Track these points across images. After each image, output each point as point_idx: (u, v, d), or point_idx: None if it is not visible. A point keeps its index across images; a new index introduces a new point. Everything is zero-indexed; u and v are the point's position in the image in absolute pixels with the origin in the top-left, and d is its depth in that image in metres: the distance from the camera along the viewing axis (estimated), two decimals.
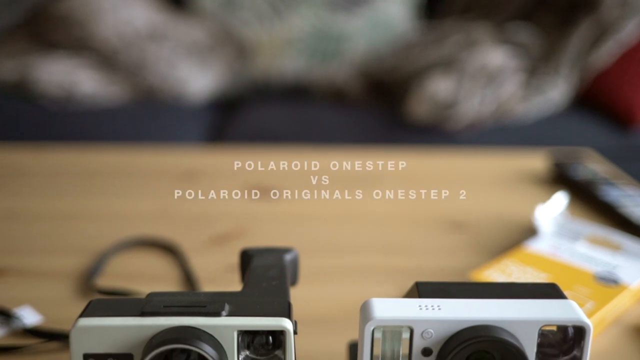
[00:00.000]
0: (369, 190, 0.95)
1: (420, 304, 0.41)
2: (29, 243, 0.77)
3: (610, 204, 0.84)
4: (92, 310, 0.41)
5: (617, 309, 0.61)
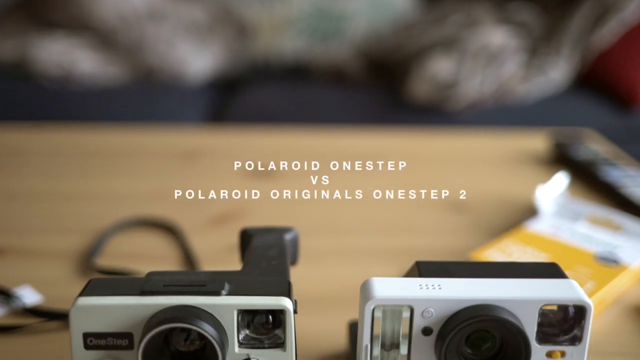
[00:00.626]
0: (370, 171, 0.94)
1: (420, 283, 0.41)
2: (28, 223, 0.77)
3: (611, 184, 0.84)
4: (92, 289, 0.41)
5: (617, 289, 0.61)
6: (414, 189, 0.88)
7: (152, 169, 0.94)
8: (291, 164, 0.77)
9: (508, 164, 0.97)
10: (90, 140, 1.04)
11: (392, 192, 0.86)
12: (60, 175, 0.91)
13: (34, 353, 0.53)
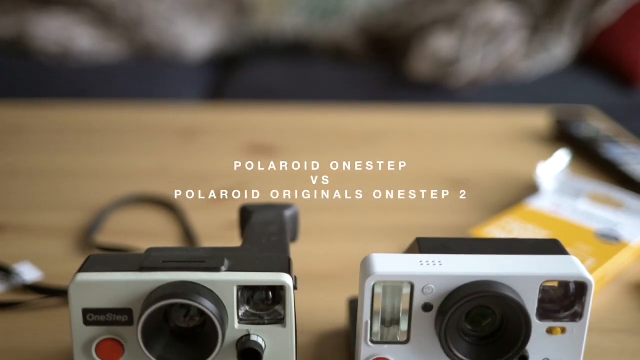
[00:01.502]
0: (371, 149, 0.94)
1: (421, 260, 0.40)
2: (28, 200, 0.77)
3: (612, 162, 0.84)
4: (91, 265, 0.40)
5: (617, 266, 0.61)
6: (414, 166, 0.88)
7: (151, 146, 0.93)
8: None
9: (509, 142, 0.97)
10: (89, 118, 1.03)
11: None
12: (59, 152, 0.90)
13: (33, 329, 0.53)
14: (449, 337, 0.40)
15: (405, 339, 0.41)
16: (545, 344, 0.41)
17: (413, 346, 0.41)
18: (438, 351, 0.40)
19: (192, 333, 0.41)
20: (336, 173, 0.85)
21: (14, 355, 0.50)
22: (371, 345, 0.41)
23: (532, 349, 0.41)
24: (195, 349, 0.40)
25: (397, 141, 0.97)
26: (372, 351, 0.41)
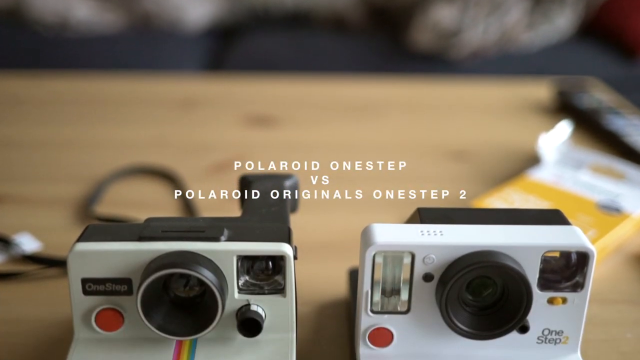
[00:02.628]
0: (372, 120, 0.94)
1: (422, 230, 0.40)
2: (27, 170, 0.77)
3: (614, 133, 0.83)
4: (90, 235, 0.40)
5: (619, 237, 0.61)
6: (415, 137, 0.87)
7: (150, 116, 0.93)
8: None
9: (511, 113, 0.96)
10: (87, 88, 1.03)
11: None
12: (58, 123, 0.90)
13: (33, 299, 0.53)
14: (449, 307, 0.39)
15: (405, 309, 0.41)
16: (546, 314, 0.41)
17: (413, 316, 0.41)
18: (438, 321, 0.40)
19: (191, 303, 0.41)
20: (336, 145, 0.85)
21: (14, 325, 0.50)
22: (371, 315, 0.41)
23: (532, 319, 0.41)
24: (195, 318, 0.40)
25: (398, 112, 0.96)
26: (372, 321, 0.41)
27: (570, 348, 0.42)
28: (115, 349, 0.40)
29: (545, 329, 0.41)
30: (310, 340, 0.49)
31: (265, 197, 0.47)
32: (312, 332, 0.50)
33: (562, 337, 0.42)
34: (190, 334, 0.39)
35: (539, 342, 0.42)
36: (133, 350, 0.40)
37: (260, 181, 0.51)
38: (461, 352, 0.41)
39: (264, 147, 0.84)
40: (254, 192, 0.49)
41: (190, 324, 0.39)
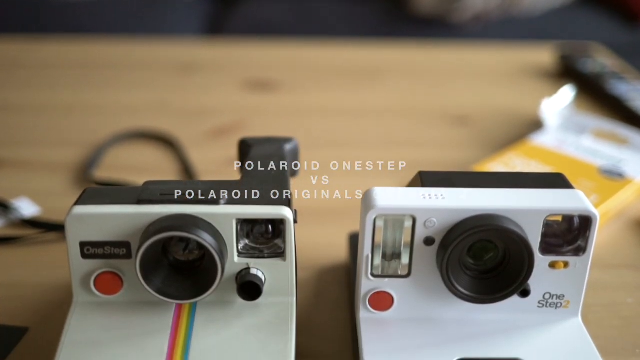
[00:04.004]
0: (373, 85, 0.93)
1: (423, 193, 0.39)
2: (25, 135, 0.76)
3: (617, 98, 0.82)
4: (87, 198, 0.40)
5: (620, 203, 0.61)
6: (417, 102, 0.86)
7: (149, 81, 0.92)
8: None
9: (513, 77, 0.95)
10: (85, 53, 1.01)
11: None
12: (57, 87, 0.89)
13: (32, 264, 0.53)
14: (450, 271, 0.39)
15: (406, 273, 0.41)
16: (547, 278, 0.41)
17: (414, 280, 0.41)
18: (439, 285, 0.40)
19: (191, 266, 0.40)
20: (337, 109, 0.84)
21: (14, 289, 0.50)
22: (372, 279, 0.41)
23: (533, 283, 0.40)
24: (195, 282, 0.39)
25: (399, 77, 0.95)
26: (372, 285, 0.41)
27: (571, 312, 0.42)
28: (115, 312, 0.40)
29: (547, 293, 0.41)
30: (310, 304, 0.49)
31: (265, 160, 0.47)
32: (312, 296, 0.50)
33: (563, 302, 0.41)
34: (189, 297, 0.39)
35: (540, 306, 0.41)
36: (132, 314, 0.40)
37: (260, 145, 0.50)
38: (462, 316, 0.41)
39: (264, 111, 0.83)
40: (254, 156, 0.48)
41: (189, 288, 0.39)
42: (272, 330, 0.39)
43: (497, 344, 0.40)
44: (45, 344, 0.43)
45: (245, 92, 0.88)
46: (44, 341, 0.44)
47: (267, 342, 0.38)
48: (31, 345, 0.45)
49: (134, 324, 0.39)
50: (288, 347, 0.38)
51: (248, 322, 0.40)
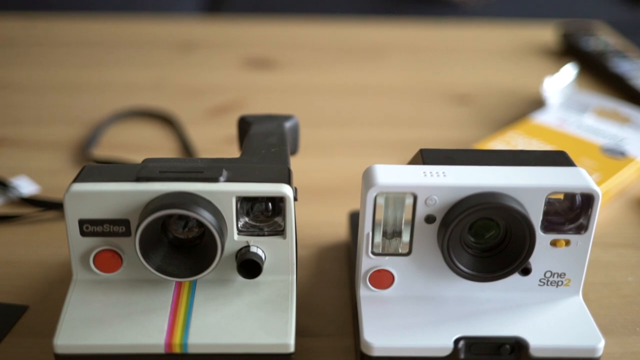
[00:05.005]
0: (374, 63, 0.92)
1: (424, 171, 0.39)
2: (24, 113, 0.76)
3: (620, 76, 0.82)
4: (86, 175, 0.39)
5: (622, 181, 0.60)
6: (418, 81, 0.86)
7: (148, 59, 0.91)
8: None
9: (515, 56, 0.94)
10: (85, 30, 1.01)
11: None
12: (55, 65, 0.88)
13: (32, 242, 0.53)
14: (451, 249, 0.39)
15: (406, 251, 0.40)
16: (549, 257, 0.40)
17: (414, 258, 0.40)
18: (440, 263, 0.40)
19: (190, 244, 0.40)
20: (337, 88, 0.84)
21: (14, 267, 0.50)
22: (372, 257, 0.40)
23: (535, 261, 0.40)
24: (194, 260, 0.39)
25: (400, 55, 0.94)
26: (373, 263, 0.41)
27: (572, 290, 0.41)
28: (114, 290, 0.40)
29: (548, 272, 0.41)
30: (310, 282, 0.49)
31: (265, 138, 0.46)
32: (312, 274, 0.50)
33: (564, 280, 0.41)
34: (189, 275, 0.39)
35: (541, 285, 0.41)
36: (132, 292, 0.40)
37: (259, 122, 0.50)
38: (462, 294, 0.41)
39: (264, 90, 0.82)
40: (254, 133, 0.48)
41: (189, 266, 0.39)
42: (272, 308, 0.39)
43: (497, 322, 0.40)
44: (45, 321, 0.43)
45: (245, 71, 0.88)
46: (44, 319, 0.44)
47: (267, 320, 0.38)
48: (31, 323, 0.45)
49: (133, 301, 0.39)
50: (288, 324, 0.38)
51: (248, 300, 0.40)
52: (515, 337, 0.38)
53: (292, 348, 0.37)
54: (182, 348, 0.37)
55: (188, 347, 0.37)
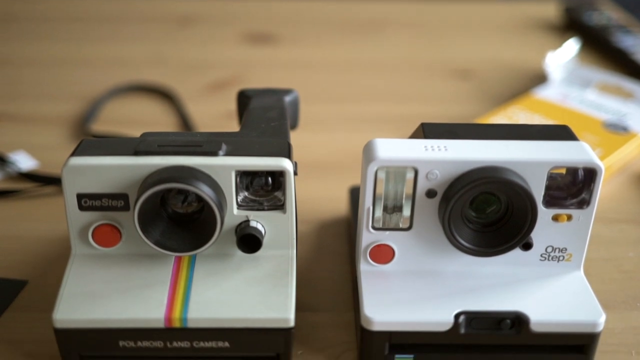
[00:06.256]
0: (375, 38, 0.91)
1: (425, 145, 0.39)
2: (22, 89, 0.75)
3: (623, 51, 0.81)
4: (84, 149, 0.39)
5: (624, 157, 0.60)
6: (419, 56, 0.85)
7: (146, 34, 0.90)
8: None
9: (517, 30, 0.94)
10: (83, 5, 1.00)
11: None
12: (54, 40, 0.88)
13: (31, 217, 0.53)
14: (452, 223, 0.39)
15: (407, 226, 0.40)
16: (550, 231, 0.40)
17: (415, 233, 0.40)
18: (441, 238, 0.39)
19: (190, 219, 0.40)
20: (338, 63, 0.83)
21: (13, 242, 0.50)
22: (373, 231, 0.40)
23: (536, 236, 0.40)
24: (194, 234, 0.39)
25: (401, 30, 0.94)
26: (373, 237, 0.40)
27: (574, 265, 0.41)
28: (114, 264, 0.40)
29: (549, 246, 0.41)
30: (310, 258, 0.49)
31: (265, 112, 0.46)
32: (312, 250, 0.50)
33: (566, 255, 0.41)
34: (188, 250, 0.38)
35: (542, 259, 0.41)
36: (131, 266, 0.40)
37: (259, 96, 0.49)
38: (463, 269, 0.41)
39: (264, 65, 0.82)
40: (253, 107, 0.47)
41: (189, 240, 0.39)
42: (272, 282, 0.39)
43: (498, 297, 0.39)
44: (44, 296, 0.43)
45: (245, 46, 0.87)
46: (43, 294, 0.44)
47: (267, 295, 0.38)
48: (30, 298, 0.45)
49: (133, 276, 0.39)
50: (288, 299, 0.38)
51: (248, 275, 0.39)
52: (516, 312, 0.38)
53: (292, 322, 0.37)
54: (182, 322, 0.37)
55: (188, 321, 0.37)
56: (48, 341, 0.39)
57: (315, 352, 0.41)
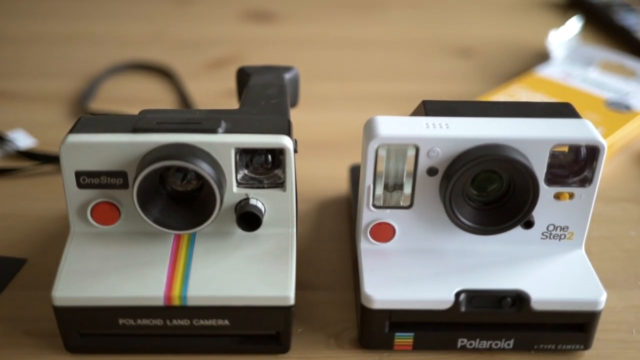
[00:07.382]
0: (376, 16, 0.90)
1: (427, 122, 0.38)
2: (19, 66, 0.74)
3: (626, 29, 0.80)
4: (82, 126, 0.38)
5: (626, 135, 0.60)
6: (420, 34, 0.84)
7: (145, 11, 0.89)
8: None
9: (520, 8, 0.93)
10: None
11: None
12: (51, 18, 0.87)
13: (29, 195, 0.53)
14: (453, 201, 0.38)
15: (408, 204, 0.40)
16: (552, 210, 0.40)
17: (416, 211, 0.40)
18: (442, 216, 0.39)
19: (189, 197, 0.40)
20: (338, 40, 0.82)
21: (12, 220, 0.50)
22: (373, 209, 0.40)
23: (538, 214, 0.40)
24: (193, 212, 0.39)
25: (402, 7, 0.93)
26: (374, 216, 0.40)
27: (575, 244, 0.41)
28: (113, 242, 0.40)
29: (550, 225, 0.40)
30: (310, 236, 0.49)
31: (265, 89, 0.45)
32: (312, 228, 0.50)
33: (567, 233, 0.41)
34: (188, 227, 0.38)
35: (544, 238, 0.41)
36: (131, 244, 0.40)
37: (259, 73, 0.49)
38: (464, 247, 0.41)
39: (263, 43, 0.81)
40: (253, 84, 0.47)
41: (188, 218, 0.38)
42: (272, 260, 0.39)
43: (499, 275, 0.39)
44: (44, 274, 0.43)
45: (244, 23, 0.86)
46: (42, 272, 0.44)
47: (267, 273, 0.38)
48: (29, 276, 0.44)
49: (132, 254, 0.39)
50: (288, 277, 0.38)
51: (247, 253, 0.39)
52: (517, 290, 0.38)
53: (292, 301, 0.37)
54: (182, 300, 0.37)
55: (187, 299, 0.37)
56: (47, 319, 0.39)
57: (315, 330, 0.41)
